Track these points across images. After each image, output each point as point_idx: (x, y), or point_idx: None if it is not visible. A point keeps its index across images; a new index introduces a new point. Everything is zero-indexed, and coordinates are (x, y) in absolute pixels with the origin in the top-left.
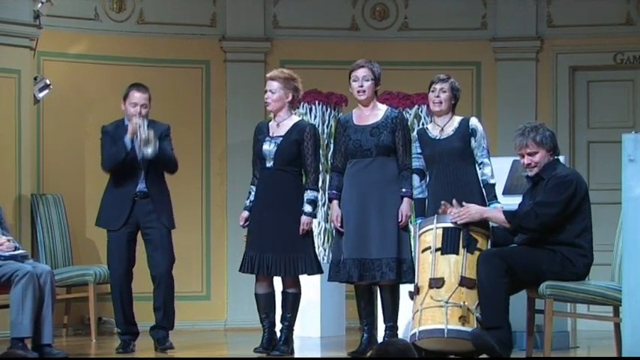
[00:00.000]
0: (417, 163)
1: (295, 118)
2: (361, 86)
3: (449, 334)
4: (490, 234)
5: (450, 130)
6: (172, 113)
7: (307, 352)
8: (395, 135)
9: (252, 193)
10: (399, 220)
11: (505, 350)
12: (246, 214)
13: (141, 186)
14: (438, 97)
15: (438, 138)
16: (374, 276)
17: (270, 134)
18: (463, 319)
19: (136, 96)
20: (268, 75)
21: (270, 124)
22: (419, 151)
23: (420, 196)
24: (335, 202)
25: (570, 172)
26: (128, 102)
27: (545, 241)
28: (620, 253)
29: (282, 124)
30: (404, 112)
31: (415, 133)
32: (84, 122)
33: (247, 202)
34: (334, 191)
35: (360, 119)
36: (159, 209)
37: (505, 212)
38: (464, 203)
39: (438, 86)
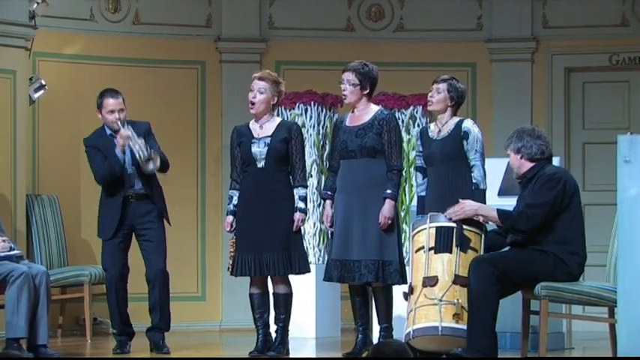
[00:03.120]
0: (420, 161)
1: (277, 119)
2: (344, 90)
3: (443, 331)
4: (483, 233)
5: (446, 131)
6: (168, 114)
7: (302, 352)
8: (381, 136)
9: (235, 198)
10: (380, 222)
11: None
12: (230, 218)
13: (137, 187)
14: (432, 96)
15: (434, 138)
16: (353, 277)
17: (256, 136)
18: (457, 317)
19: (111, 102)
20: (257, 75)
21: (252, 126)
22: (421, 149)
23: (422, 194)
24: (328, 202)
25: (558, 170)
26: (104, 110)
27: (536, 241)
28: (616, 254)
29: (265, 126)
30: (399, 113)
31: (418, 131)
32: (79, 123)
33: (231, 207)
34: (328, 192)
35: (351, 120)
36: (159, 208)
37: (499, 211)
38: (460, 200)
39: (434, 86)
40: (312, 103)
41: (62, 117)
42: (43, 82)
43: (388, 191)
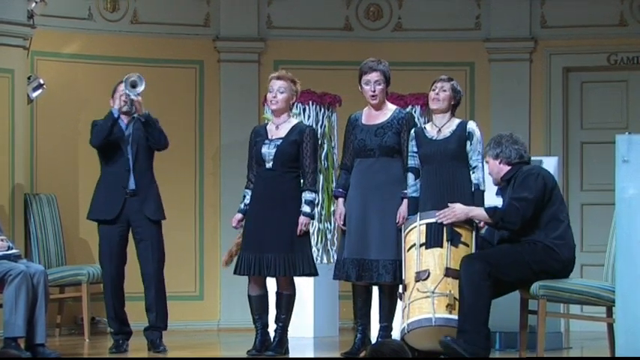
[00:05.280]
0: (413, 161)
1: (294, 121)
2: (373, 91)
3: (436, 322)
4: (474, 229)
5: (447, 131)
6: (166, 113)
7: (300, 352)
8: (400, 136)
9: (247, 197)
10: (397, 221)
11: (483, 354)
12: (239, 216)
13: (131, 184)
14: (437, 94)
15: (434, 138)
16: (371, 276)
17: (269, 137)
18: (450, 307)
19: (123, 87)
20: (275, 75)
21: (268, 127)
22: (415, 149)
23: (414, 194)
24: (340, 200)
25: (534, 167)
26: (116, 95)
27: (524, 234)
28: (614, 253)
29: (281, 127)
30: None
31: (412, 131)
32: (77, 122)
33: (242, 206)
34: (340, 189)
35: (369, 119)
36: (145, 204)
37: (487, 209)
38: (449, 204)
39: (439, 84)
40: (310, 102)
41: (60, 116)
42: (42, 82)
43: (406, 191)
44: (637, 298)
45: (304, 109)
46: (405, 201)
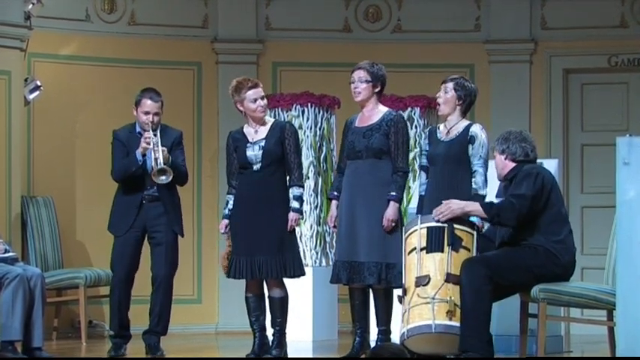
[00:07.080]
0: (425, 160)
1: (270, 120)
2: (356, 87)
3: (436, 329)
4: (475, 232)
5: (454, 133)
6: (164, 115)
7: (299, 355)
8: (388, 137)
9: (231, 202)
10: (383, 224)
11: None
12: (226, 221)
13: (151, 190)
14: (439, 97)
15: (442, 139)
16: (360, 279)
17: (251, 140)
18: (450, 314)
19: (148, 104)
20: (249, 83)
21: (246, 130)
22: (427, 148)
23: (423, 193)
24: (333, 202)
25: (535, 166)
26: (140, 110)
27: (524, 238)
28: (614, 256)
29: (259, 129)
30: None
31: (427, 130)
32: (74, 124)
33: (226, 211)
34: (334, 192)
35: (360, 121)
36: (170, 214)
37: (482, 203)
38: (443, 201)
39: (442, 86)
40: (308, 104)
41: (57, 118)
42: (39, 83)
43: (392, 193)
44: (638, 301)
45: (303, 111)
46: (391, 203)
